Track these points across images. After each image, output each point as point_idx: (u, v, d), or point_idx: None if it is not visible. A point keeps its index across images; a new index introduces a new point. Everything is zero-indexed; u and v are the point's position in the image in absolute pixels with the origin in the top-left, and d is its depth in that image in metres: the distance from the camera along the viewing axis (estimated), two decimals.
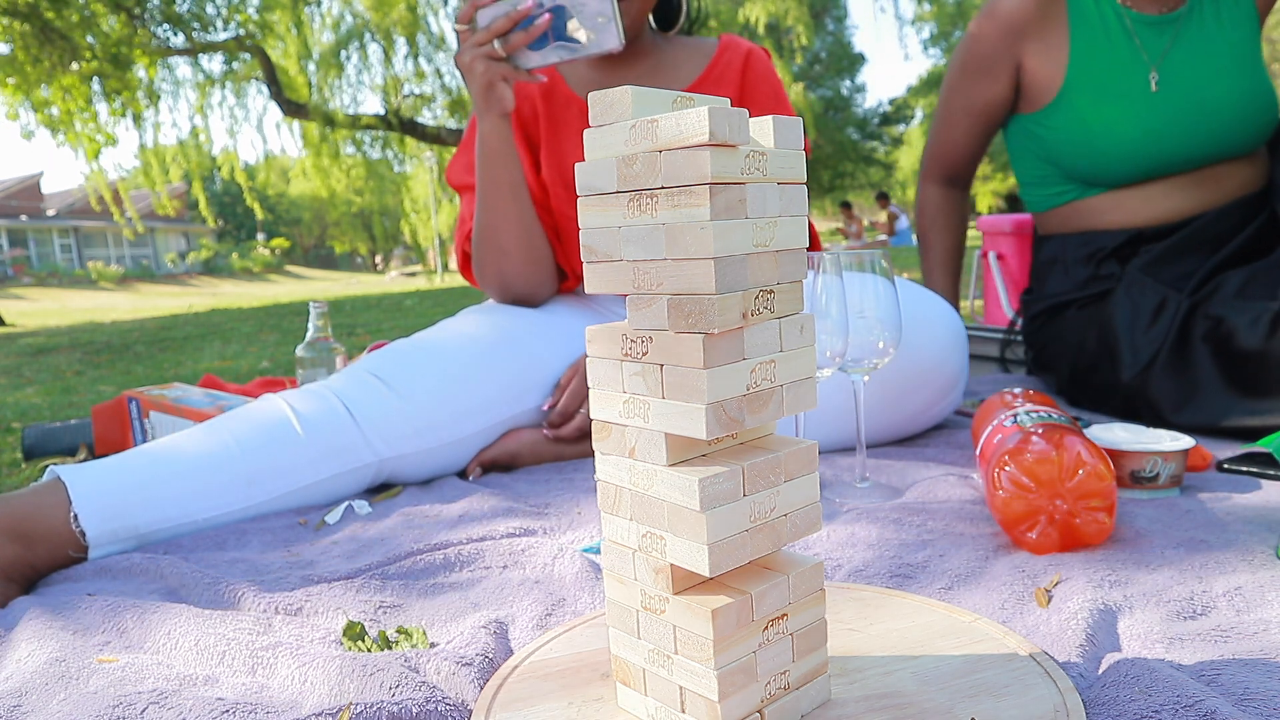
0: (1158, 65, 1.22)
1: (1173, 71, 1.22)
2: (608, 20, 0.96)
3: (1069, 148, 1.29)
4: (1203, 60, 1.22)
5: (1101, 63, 1.26)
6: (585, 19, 0.97)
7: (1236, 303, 1.08)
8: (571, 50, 0.99)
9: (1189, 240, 1.23)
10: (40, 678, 0.56)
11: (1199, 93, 1.21)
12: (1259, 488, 0.86)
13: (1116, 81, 1.24)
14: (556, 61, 1.00)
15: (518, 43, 0.99)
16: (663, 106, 0.41)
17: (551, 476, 1.05)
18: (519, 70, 1.02)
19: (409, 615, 0.66)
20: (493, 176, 1.09)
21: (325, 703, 0.50)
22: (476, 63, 1.01)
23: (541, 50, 1.00)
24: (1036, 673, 0.48)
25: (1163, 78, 1.22)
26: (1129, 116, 1.23)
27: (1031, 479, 0.70)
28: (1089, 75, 1.26)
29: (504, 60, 1.02)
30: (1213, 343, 1.09)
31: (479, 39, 1.00)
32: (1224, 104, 1.21)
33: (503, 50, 1.00)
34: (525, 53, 1.01)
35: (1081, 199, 1.32)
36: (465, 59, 1.02)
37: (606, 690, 0.49)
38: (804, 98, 11.36)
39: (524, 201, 1.11)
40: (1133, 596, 0.61)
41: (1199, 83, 1.22)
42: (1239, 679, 0.48)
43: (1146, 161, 1.23)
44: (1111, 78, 1.25)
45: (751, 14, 9.45)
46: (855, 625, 0.56)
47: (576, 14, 0.97)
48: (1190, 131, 1.21)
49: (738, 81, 1.21)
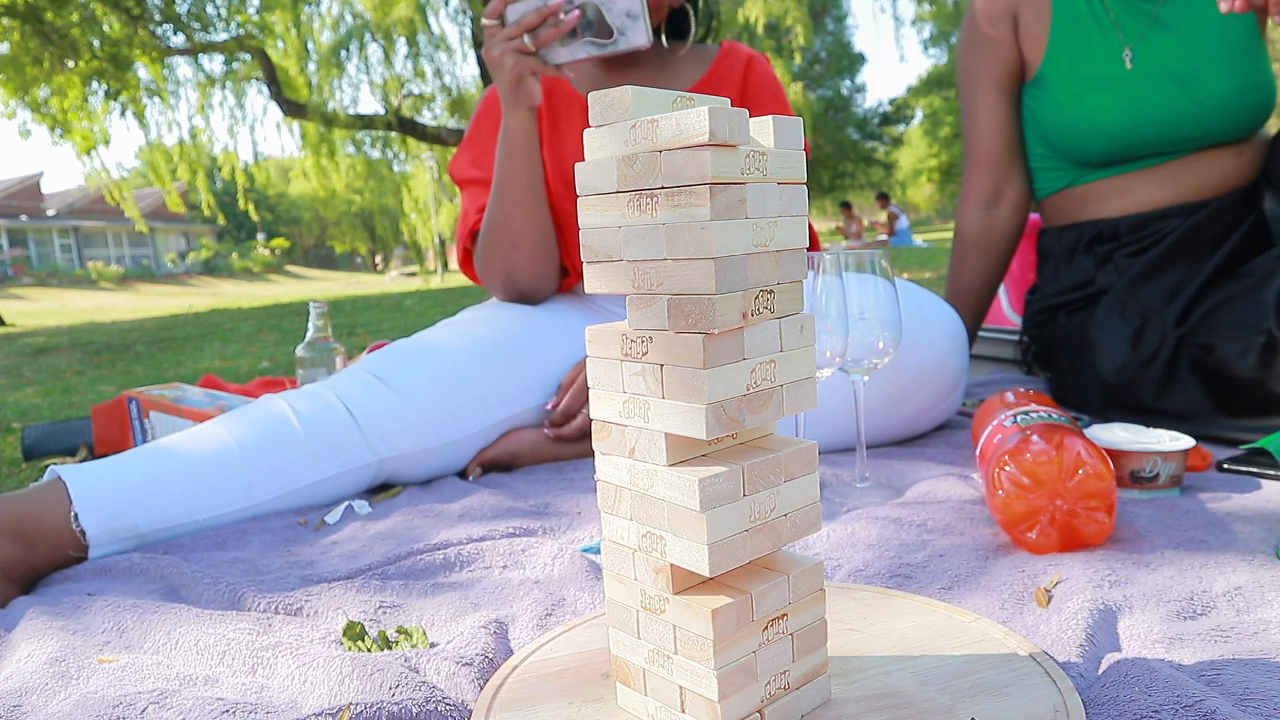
0: (1133, 44, 1.20)
1: (1150, 51, 1.20)
2: (636, 17, 0.97)
3: (1053, 121, 1.27)
4: (1186, 41, 1.20)
5: (1076, 37, 1.24)
6: (614, 15, 0.98)
7: (1225, 331, 1.06)
8: (600, 46, 1.00)
9: (1172, 251, 1.20)
10: (40, 678, 0.56)
11: (1179, 74, 1.19)
12: (1259, 488, 0.86)
13: (1090, 58, 1.23)
14: (585, 57, 1.02)
15: (547, 38, 1.01)
16: (663, 106, 0.41)
17: (551, 476, 1.05)
18: (547, 65, 1.03)
19: (409, 615, 0.66)
20: (514, 169, 1.10)
21: (325, 703, 0.50)
22: (506, 57, 1.02)
23: (570, 46, 1.02)
24: (1036, 673, 0.48)
25: (1138, 56, 1.20)
26: (1103, 94, 1.21)
27: (1031, 479, 0.70)
28: (1066, 49, 1.25)
29: (533, 55, 1.03)
30: (1201, 372, 1.08)
31: (508, 34, 1.02)
32: (1209, 86, 1.18)
33: (532, 45, 1.02)
34: (554, 48, 1.03)
35: (1073, 186, 1.30)
36: (495, 53, 1.03)
37: (606, 690, 0.49)
38: (804, 97, 11.36)
39: (540, 196, 1.12)
40: (1133, 596, 0.61)
41: (1179, 63, 1.19)
42: (1239, 679, 0.48)
43: (1123, 140, 1.21)
44: (1085, 54, 1.23)
45: (751, 14, 9.45)
46: (855, 625, 0.56)
47: (605, 10, 0.98)
48: (1170, 112, 1.19)
49: (739, 85, 1.22)
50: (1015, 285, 1.89)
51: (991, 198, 1.36)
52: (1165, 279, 1.18)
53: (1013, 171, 1.35)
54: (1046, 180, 1.35)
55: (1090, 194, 1.29)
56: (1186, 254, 1.19)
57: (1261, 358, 1.01)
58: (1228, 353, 1.05)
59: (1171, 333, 1.12)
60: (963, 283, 1.39)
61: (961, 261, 1.39)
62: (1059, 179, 1.32)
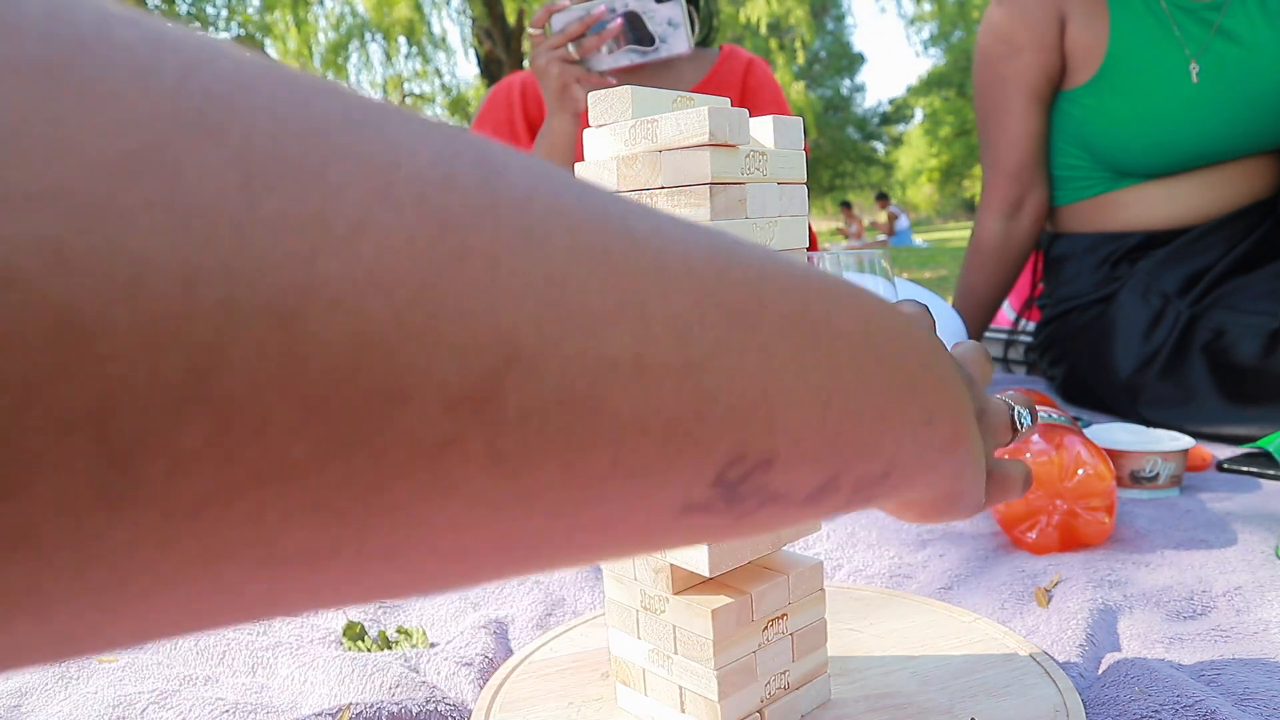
0: (1198, 56, 1.18)
1: (1214, 64, 1.19)
2: (678, 25, 1.01)
3: (1107, 132, 1.25)
4: (1246, 53, 1.19)
5: (1141, 48, 1.22)
6: (656, 24, 1.02)
7: (1239, 315, 1.07)
8: (643, 54, 1.04)
9: (1197, 243, 1.21)
10: (40, 678, 0.56)
11: (1242, 87, 1.18)
12: (1259, 488, 0.86)
13: (1156, 70, 1.21)
14: (628, 65, 1.06)
15: (591, 46, 1.04)
16: (663, 106, 0.41)
17: None
18: (591, 73, 1.07)
19: (409, 615, 0.66)
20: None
21: (325, 703, 0.50)
22: (551, 65, 1.06)
23: (614, 53, 1.05)
24: (1036, 673, 0.48)
25: (1204, 70, 1.18)
26: (1171, 108, 1.19)
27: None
28: (1128, 59, 1.22)
29: (577, 63, 1.06)
30: (1211, 354, 1.09)
31: (553, 42, 1.05)
32: (1268, 100, 1.18)
33: (576, 54, 1.05)
34: (598, 55, 1.06)
35: (1107, 193, 1.29)
36: (540, 62, 1.07)
37: (606, 690, 0.49)
38: (805, 96, 11.36)
39: None
40: (1132, 596, 0.61)
41: (1242, 77, 1.18)
42: (1239, 679, 0.48)
43: (1184, 153, 1.20)
44: (1151, 66, 1.21)
45: (753, 14, 9.45)
46: (855, 625, 0.56)
47: (648, 19, 1.02)
48: (1231, 126, 1.18)
49: (738, 88, 1.22)
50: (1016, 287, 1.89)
51: (1014, 207, 1.34)
52: (1189, 265, 1.19)
53: (1037, 181, 1.33)
54: (1073, 189, 1.33)
55: (1121, 201, 1.28)
56: (1212, 245, 1.20)
57: (1268, 345, 1.02)
58: (1237, 336, 1.05)
59: (1185, 311, 1.13)
60: (975, 289, 1.38)
61: (978, 269, 1.37)
62: (1089, 188, 1.31)
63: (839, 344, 0.22)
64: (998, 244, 1.35)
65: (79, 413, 0.10)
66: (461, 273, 0.13)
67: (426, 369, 0.13)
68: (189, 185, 0.11)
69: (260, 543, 0.13)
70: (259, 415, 0.11)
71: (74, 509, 0.11)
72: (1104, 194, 1.30)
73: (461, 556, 0.16)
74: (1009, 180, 1.33)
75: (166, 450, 0.11)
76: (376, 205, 0.13)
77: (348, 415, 0.12)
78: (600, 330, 0.15)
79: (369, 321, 0.12)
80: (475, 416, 0.14)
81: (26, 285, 0.09)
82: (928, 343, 0.28)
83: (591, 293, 0.15)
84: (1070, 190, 1.34)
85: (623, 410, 0.16)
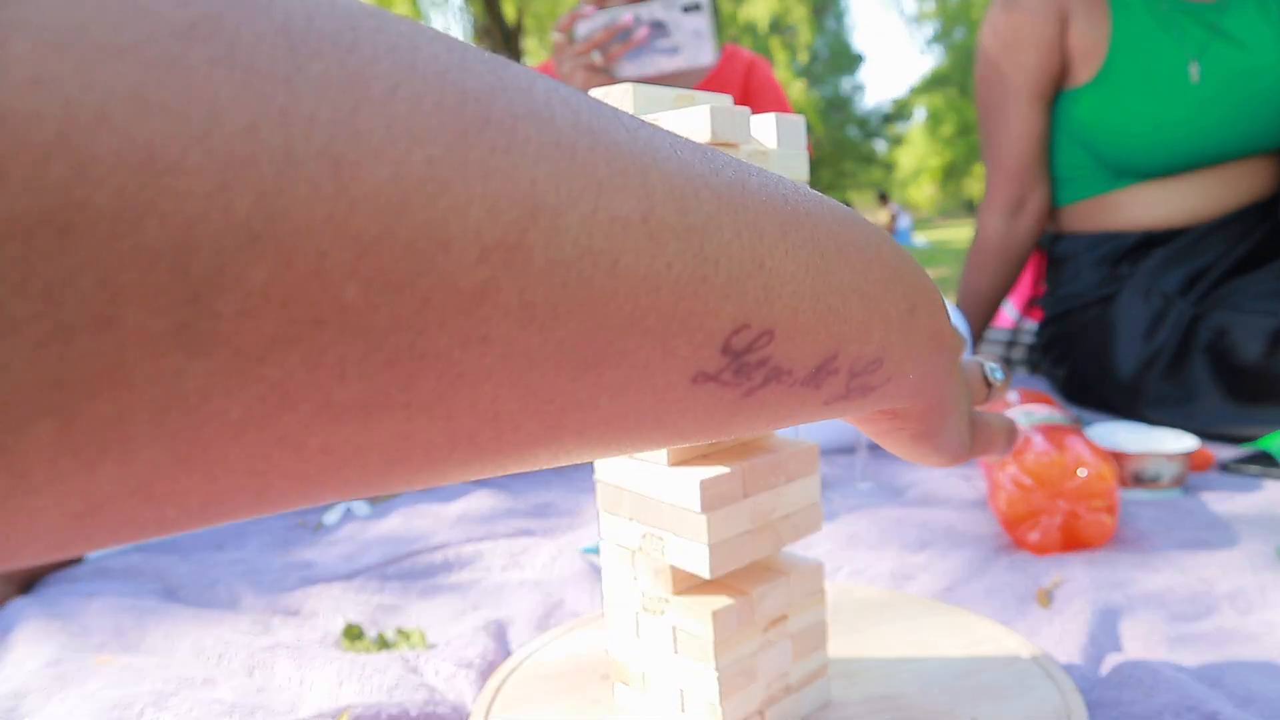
0: (1198, 57, 1.18)
1: (1214, 64, 1.19)
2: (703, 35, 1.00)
3: (1105, 131, 1.25)
4: (1246, 54, 1.19)
5: (1141, 48, 1.22)
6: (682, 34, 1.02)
7: (1241, 314, 1.07)
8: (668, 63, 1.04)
9: (1198, 242, 1.21)
10: (38, 679, 0.56)
11: (1242, 87, 1.18)
12: (1261, 488, 0.86)
13: (1156, 70, 1.21)
14: (653, 73, 1.06)
15: (616, 54, 1.04)
16: (664, 105, 0.41)
17: (551, 476, 1.05)
18: (616, 81, 1.06)
19: (408, 616, 0.66)
20: None
21: (324, 704, 0.50)
22: (576, 73, 1.06)
23: (637, 61, 1.05)
24: (1038, 674, 0.48)
25: (1204, 70, 1.18)
26: (1171, 108, 1.20)
27: (1033, 479, 0.70)
28: (1129, 59, 1.22)
29: (602, 71, 1.06)
30: (1213, 354, 1.09)
31: (578, 49, 1.05)
32: (1267, 101, 1.18)
33: (600, 61, 1.05)
34: (622, 63, 1.06)
35: (1108, 193, 1.29)
36: (565, 69, 1.07)
37: (606, 691, 0.49)
38: (806, 96, 11.36)
39: None
40: (1135, 597, 0.61)
41: (1241, 77, 1.19)
42: (1242, 680, 0.48)
43: (1184, 153, 1.20)
44: (1151, 66, 1.21)
45: (754, 14, 9.45)
46: (856, 626, 0.55)
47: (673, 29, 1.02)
48: (1231, 126, 1.19)
49: (740, 88, 1.22)
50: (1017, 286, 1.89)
51: (1016, 206, 1.34)
52: (1187, 266, 1.19)
53: (1039, 180, 1.34)
54: (1074, 188, 1.33)
55: (1122, 201, 1.28)
56: (1214, 245, 1.20)
57: (1270, 345, 1.02)
58: (1239, 335, 1.05)
59: (1187, 311, 1.12)
60: (977, 288, 1.38)
61: (980, 269, 1.38)
62: (1090, 187, 1.31)
63: (819, 230, 0.24)
64: (999, 243, 1.35)
65: (162, 246, 0.11)
66: (484, 135, 0.15)
67: (462, 218, 0.15)
68: (245, 48, 0.12)
69: (319, 388, 0.14)
70: (317, 253, 0.13)
71: (157, 346, 0.12)
72: (1105, 194, 1.30)
73: (497, 417, 0.17)
74: (1011, 180, 1.33)
75: (238, 288, 0.12)
76: (405, 75, 0.14)
77: (394, 258, 0.14)
78: (609, 193, 0.17)
79: (409, 170, 0.14)
80: (506, 266, 0.15)
81: (114, 125, 0.11)
82: (896, 245, 0.30)
83: (598, 162, 0.17)
84: (1072, 190, 1.34)
85: (637, 267, 0.18)
